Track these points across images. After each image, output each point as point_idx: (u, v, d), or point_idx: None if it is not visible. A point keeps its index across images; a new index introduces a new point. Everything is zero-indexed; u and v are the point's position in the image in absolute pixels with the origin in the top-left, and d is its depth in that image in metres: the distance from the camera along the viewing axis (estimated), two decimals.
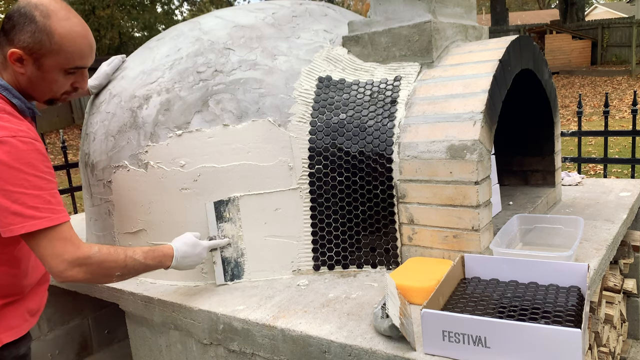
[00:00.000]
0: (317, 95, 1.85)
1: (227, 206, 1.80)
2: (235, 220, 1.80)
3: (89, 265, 1.35)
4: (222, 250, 1.80)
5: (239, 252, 1.81)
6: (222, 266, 1.81)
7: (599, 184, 2.68)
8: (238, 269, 1.82)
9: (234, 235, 1.81)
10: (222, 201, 1.80)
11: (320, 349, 1.41)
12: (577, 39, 17.42)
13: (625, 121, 8.94)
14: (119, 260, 1.43)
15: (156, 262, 1.55)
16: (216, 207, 1.79)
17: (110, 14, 16.31)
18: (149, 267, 1.53)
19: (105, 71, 2.16)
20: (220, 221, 1.80)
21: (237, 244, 1.81)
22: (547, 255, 1.54)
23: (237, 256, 1.81)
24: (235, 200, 1.80)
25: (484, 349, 1.18)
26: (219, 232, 1.80)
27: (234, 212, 1.80)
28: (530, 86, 2.16)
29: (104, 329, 2.64)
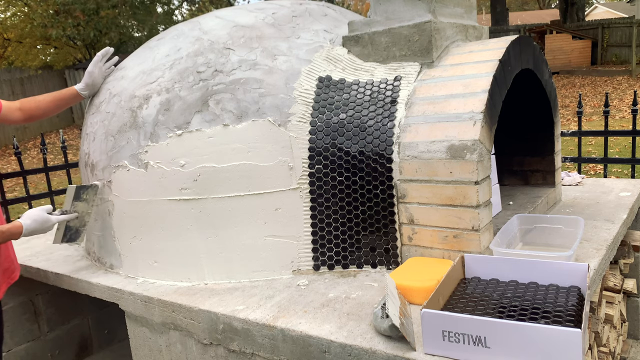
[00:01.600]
0: (317, 95, 1.85)
1: (87, 190, 2.04)
2: (89, 200, 2.07)
3: None
4: (68, 221, 2.06)
5: (83, 222, 2.09)
6: (63, 231, 2.05)
7: (599, 184, 2.68)
8: (76, 234, 2.09)
9: (84, 211, 2.07)
10: (84, 186, 2.04)
11: (320, 349, 1.41)
12: (577, 39, 17.41)
13: (625, 121, 8.93)
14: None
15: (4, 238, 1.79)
16: (77, 190, 2.03)
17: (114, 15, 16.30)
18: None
19: (89, 70, 2.19)
20: (76, 200, 2.03)
21: (84, 217, 2.08)
22: (547, 255, 1.54)
23: (79, 225, 2.09)
24: (96, 188, 2.06)
25: (484, 349, 1.18)
26: (71, 208, 2.03)
27: (91, 194, 2.06)
28: (530, 86, 2.16)
29: (104, 329, 2.64)
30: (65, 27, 15.56)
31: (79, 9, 15.29)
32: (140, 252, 1.98)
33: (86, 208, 2.08)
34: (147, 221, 1.92)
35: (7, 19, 17.27)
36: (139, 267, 2.00)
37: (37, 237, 2.74)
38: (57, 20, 15.60)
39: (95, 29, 16.19)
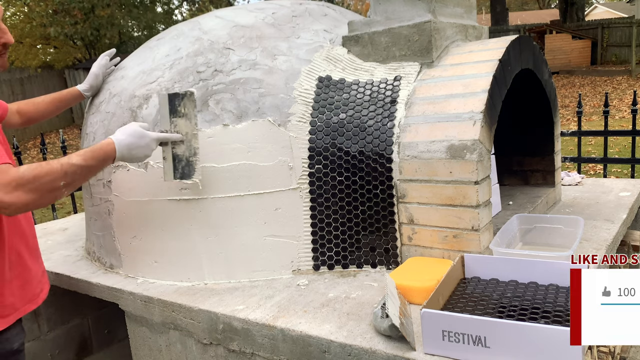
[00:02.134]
0: (317, 95, 1.85)
1: (183, 100, 1.69)
2: (190, 116, 1.69)
3: (25, 185, 1.31)
4: (173, 146, 1.71)
5: (192, 150, 1.70)
6: (173, 163, 1.71)
7: (598, 183, 2.68)
8: (189, 168, 1.71)
9: (187, 132, 1.70)
10: (178, 94, 1.70)
11: (320, 349, 1.41)
12: (577, 38, 17.41)
13: (625, 121, 8.93)
14: (55, 170, 1.38)
15: (99, 161, 1.51)
16: (170, 100, 1.68)
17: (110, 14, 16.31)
18: (93, 168, 1.50)
19: (93, 72, 2.16)
20: (174, 116, 1.70)
21: (191, 142, 1.70)
22: (547, 255, 1.54)
23: (189, 155, 1.70)
24: (192, 95, 1.70)
25: (483, 348, 1.18)
26: (172, 127, 1.70)
27: (190, 107, 1.69)
28: (530, 86, 2.16)
29: (104, 329, 2.64)
30: (63, 25, 15.56)
31: (77, 8, 15.30)
32: (140, 252, 1.98)
33: (189, 127, 1.69)
34: (147, 221, 1.92)
35: (7, 19, 17.27)
36: (139, 267, 2.00)
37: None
38: (56, 19, 15.61)
39: (93, 27, 16.18)
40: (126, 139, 1.58)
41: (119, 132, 1.60)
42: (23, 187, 1.30)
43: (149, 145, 1.64)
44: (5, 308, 1.49)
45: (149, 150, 1.64)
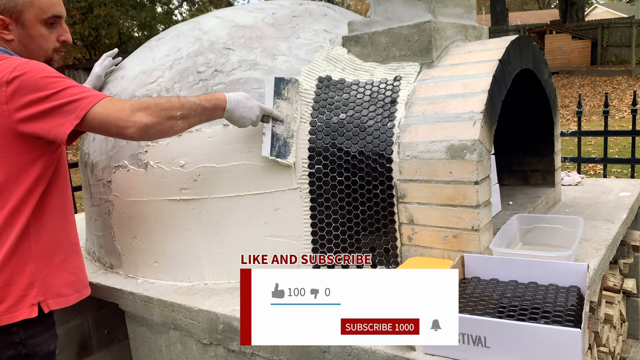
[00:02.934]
0: (317, 95, 1.85)
1: (287, 85, 1.79)
2: (292, 101, 1.79)
3: (147, 109, 1.43)
4: (274, 124, 1.78)
5: (290, 132, 1.78)
6: (271, 140, 1.76)
7: (598, 183, 2.68)
8: (285, 148, 1.77)
9: (288, 115, 1.79)
10: (284, 79, 1.80)
11: (320, 349, 1.41)
12: (577, 39, 17.41)
13: (625, 121, 8.94)
14: (173, 101, 1.50)
15: (211, 104, 1.59)
16: (276, 82, 1.78)
17: (108, 13, 16.32)
18: (206, 109, 1.58)
19: (96, 72, 2.16)
20: (278, 97, 1.78)
21: (290, 124, 1.78)
22: (547, 255, 1.54)
23: (287, 136, 1.78)
24: (297, 83, 1.81)
25: (483, 348, 1.18)
26: (274, 107, 1.78)
27: (292, 92, 1.80)
28: (530, 86, 2.16)
29: (104, 329, 2.63)
30: None
31: (74, 7, 15.31)
32: (140, 252, 1.98)
33: (290, 110, 1.79)
34: (147, 221, 1.92)
35: None
36: (139, 267, 2.00)
37: None
38: None
39: (91, 27, 16.19)
40: (236, 96, 1.65)
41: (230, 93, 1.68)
42: (145, 110, 1.43)
43: (254, 109, 1.68)
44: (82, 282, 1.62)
45: (254, 115, 1.69)
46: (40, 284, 1.46)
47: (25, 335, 1.43)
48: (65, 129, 1.37)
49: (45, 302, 1.46)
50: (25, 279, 1.43)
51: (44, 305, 1.46)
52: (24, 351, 1.43)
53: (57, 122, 1.37)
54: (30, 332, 1.44)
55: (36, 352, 1.46)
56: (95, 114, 1.39)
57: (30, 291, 1.43)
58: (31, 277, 1.44)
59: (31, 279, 1.44)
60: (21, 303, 1.41)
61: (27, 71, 1.35)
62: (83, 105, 1.38)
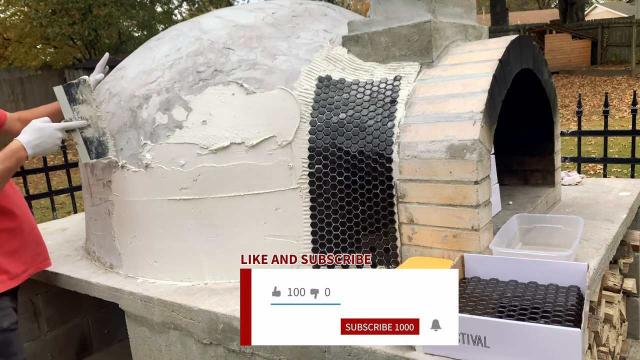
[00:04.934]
0: (317, 95, 1.85)
1: (78, 88, 1.80)
2: (90, 101, 1.81)
3: None
4: (82, 131, 1.83)
5: (100, 131, 1.84)
6: (85, 145, 1.84)
7: (598, 183, 2.68)
8: (102, 147, 1.86)
9: (91, 116, 1.82)
10: (72, 83, 1.81)
11: (320, 349, 1.41)
12: (577, 38, 17.40)
13: (625, 121, 8.94)
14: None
15: (14, 161, 1.67)
16: (66, 90, 1.80)
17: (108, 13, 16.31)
18: (11, 169, 1.67)
19: (98, 79, 2.15)
20: (74, 104, 1.81)
21: (97, 123, 1.83)
22: (547, 255, 1.54)
23: (99, 135, 1.84)
24: (86, 82, 1.81)
25: (483, 348, 1.18)
26: (75, 115, 1.81)
27: (87, 93, 1.80)
28: (530, 86, 2.16)
29: (104, 329, 2.64)
30: (61, 25, 15.57)
31: (74, 7, 15.32)
32: (140, 251, 1.98)
33: (92, 111, 1.83)
34: (147, 221, 1.92)
35: (7, 19, 17.26)
36: (139, 266, 2.00)
37: None
38: (54, 19, 15.61)
39: (90, 27, 16.19)
40: (30, 136, 1.71)
41: (22, 134, 1.73)
42: None
43: (53, 135, 1.74)
44: None
45: (56, 139, 1.75)
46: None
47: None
48: None
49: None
50: None
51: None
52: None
53: None
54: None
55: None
56: None
57: None
58: None
59: None
60: None
61: None
62: None
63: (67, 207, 7.21)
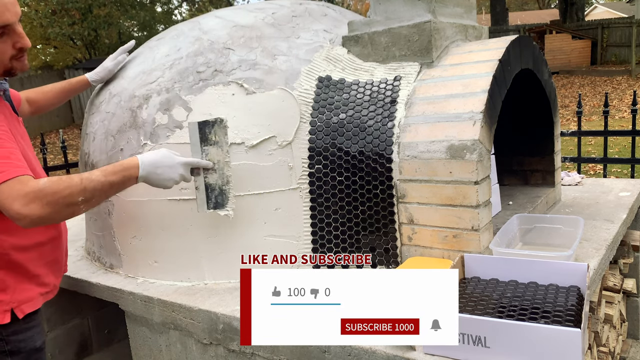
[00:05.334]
0: (317, 95, 1.85)
1: (213, 128, 1.65)
2: (222, 144, 1.66)
3: (43, 198, 1.30)
4: (205, 175, 1.66)
5: (224, 179, 1.67)
6: (205, 192, 1.67)
7: (598, 183, 2.68)
8: (222, 197, 1.68)
9: (219, 160, 1.66)
10: (208, 122, 1.65)
11: (320, 349, 1.41)
12: (577, 38, 17.41)
13: (625, 121, 8.94)
14: (74, 185, 1.36)
15: (120, 177, 1.46)
16: (200, 128, 1.64)
17: (108, 13, 16.32)
18: (114, 184, 1.45)
19: (107, 67, 2.15)
20: (205, 144, 1.65)
21: (223, 170, 1.67)
22: (547, 255, 1.54)
23: (222, 183, 1.67)
24: (223, 122, 1.66)
25: (483, 348, 1.18)
26: (203, 156, 1.66)
27: (221, 134, 1.66)
28: (530, 86, 2.16)
29: (104, 329, 2.63)
30: (61, 26, 15.57)
31: (74, 8, 15.32)
32: (140, 252, 1.98)
33: (221, 155, 1.65)
34: (147, 221, 1.92)
35: None
36: (139, 267, 2.00)
37: None
38: (54, 19, 15.62)
39: (90, 28, 16.19)
40: (151, 157, 1.53)
41: (146, 153, 1.57)
42: (40, 200, 1.30)
43: (175, 168, 1.56)
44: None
45: (176, 174, 1.57)
46: (13, 291, 1.45)
47: (7, 333, 1.44)
48: None
49: (19, 307, 1.46)
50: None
51: (17, 311, 1.45)
52: (7, 348, 1.44)
53: None
54: (12, 329, 1.45)
55: (20, 349, 1.47)
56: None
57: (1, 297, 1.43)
58: (3, 284, 1.44)
59: (3, 285, 1.43)
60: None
61: None
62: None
63: None
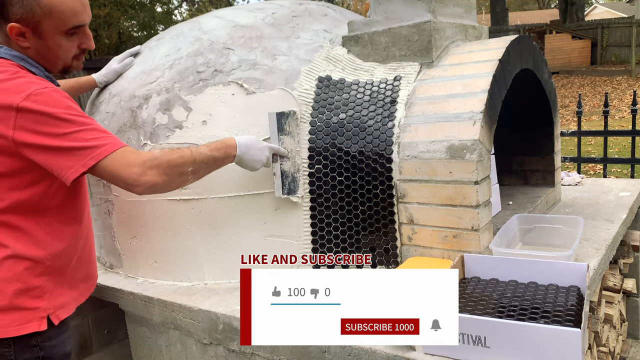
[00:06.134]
0: (317, 95, 1.85)
1: (288, 119, 1.77)
2: (294, 134, 1.78)
3: (159, 167, 1.38)
4: (281, 162, 1.78)
5: (296, 167, 1.79)
6: (281, 179, 1.78)
7: (598, 183, 2.68)
8: (294, 183, 1.79)
9: (292, 149, 1.78)
10: (284, 113, 1.76)
11: (320, 349, 1.41)
12: (576, 38, 17.41)
13: (625, 121, 8.94)
14: (186, 156, 1.45)
15: (222, 153, 1.55)
16: (278, 118, 1.76)
17: (107, 13, 16.32)
18: (217, 160, 1.54)
19: (114, 68, 2.15)
20: (281, 133, 1.77)
21: (295, 158, 1.78)
22: (546, 255, 1.54)
23: (294, 171, 1.79)
24: (295, 115, 1.78)
25: (483, 348, 1.18)
26: (280, 144, 1.77)
27: (293, 126, 1.77)
28: (530, 86, 2.16)
29: (104, 329, 2.63)
30: None
31: None
32: (140, 252, 1.98)
33: (293, 145, 1.78)
34: (146, 221, 1.92)
35: None
36: (139, 267, 2.00)
37: None
38: None
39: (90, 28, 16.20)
40: (244, 139, 1.62)
41: (241, 137, 1.64)
42: (157, 168, 1.37)
43: (263, 151, 1.67)
44: None
45: (264, 156, 1.67)
46: (49, 297, 1.43)
47: (42, 339, 1.41)
48: (70, 174, 1.30)
49: (55, 314, 1.45)
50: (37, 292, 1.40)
51: (53, 318, 1.44)
52: (41, 354, 1.41)
53: (62, 164, 1.29)
54: (46, 335, 1.42)
55: (53, 355, 1.43)
56: (105, 167, 1.32)
57: (39, 304, 1.41)
58: (41, 291, 1.41)
59: (41, 292, 1.41)
60: (30, 315, 1.39)
61: (41, 103, 1.27)
62: (94, 155, 1.30)
63: None
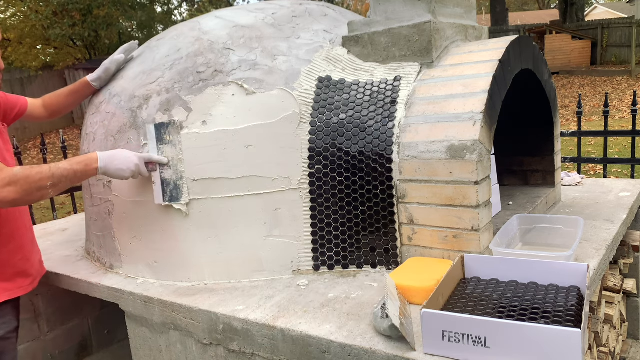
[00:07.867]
0: (317, 96, 1.85)
1: (168, 129, 1.83)
2: (175, 143, 1.82)
3: (16, 183, 1.52)
4: (161, 171, 1.84)
5: (179, 174, 1.82)
6: (161, 187, 1.84)
7: (598, 184, 2.68)
8: (177, 191, 1.83)
9: (173, 157, 1.83)
10: (163, 124, 1.84)
11: (320, 349, 1.41)
12: (577, 39, 17.41)
13: (625, 121, 8.94)
14: (44, 172, 1.58)
15: (82, 166, 1.68)
16: (157, 129, 1.84)
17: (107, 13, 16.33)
18: (77, 172, 1.66)
19: (105, 65, 2.16)
20: (160, 143, 1.84)
21: (177, 166, 1.82)
22: (547, 255, 1.54)
23: (176, 178, 1.83)
24: (176, 124, 1.82)
25: (483, 349, 1.18)
26: (160, 153, 1.84)
27: (174, 135, 1.82)
28: (530, 86, 2.16)
29: (104, 329, 2.64)
30: (62, 27, 15.57)
31: (74, 8, 15.34)
32: (140, 252, 1.98)
33: (175, 153, 1.83)
34: (147, 221, 1.92)
35: (7, 19, 17.27)
36: (139, 267, 2.00)
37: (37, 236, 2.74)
38: (55, 20, 15.62)
39: (90, 28, 16.20)
40: (109, 152, 1.76)
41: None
42: (14, 185, 1.51)
43: (131, 159, 1.76)
44: None
45: (132, 164, 1.76)
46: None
47: None
48: None
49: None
50: None
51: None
52: None
53: None
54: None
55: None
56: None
57: None
58: None
59: None
60: None
61: None
62: None
63: (67, 207, 7.21)
